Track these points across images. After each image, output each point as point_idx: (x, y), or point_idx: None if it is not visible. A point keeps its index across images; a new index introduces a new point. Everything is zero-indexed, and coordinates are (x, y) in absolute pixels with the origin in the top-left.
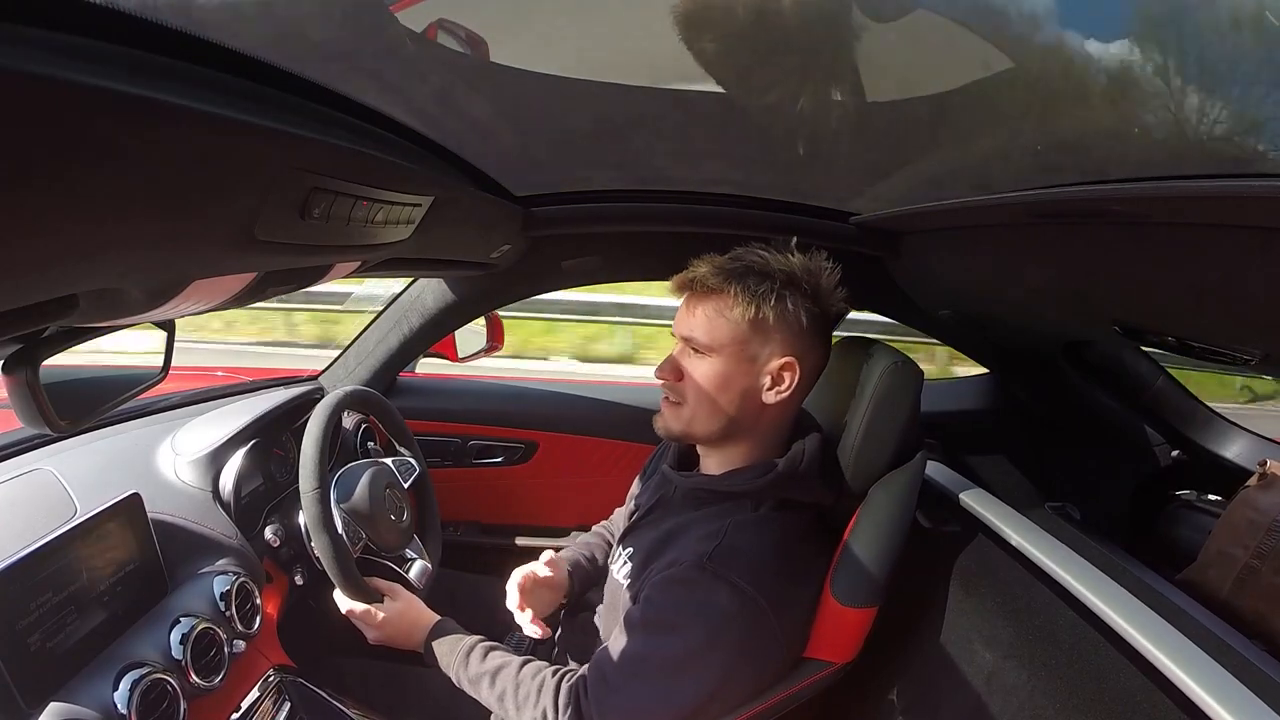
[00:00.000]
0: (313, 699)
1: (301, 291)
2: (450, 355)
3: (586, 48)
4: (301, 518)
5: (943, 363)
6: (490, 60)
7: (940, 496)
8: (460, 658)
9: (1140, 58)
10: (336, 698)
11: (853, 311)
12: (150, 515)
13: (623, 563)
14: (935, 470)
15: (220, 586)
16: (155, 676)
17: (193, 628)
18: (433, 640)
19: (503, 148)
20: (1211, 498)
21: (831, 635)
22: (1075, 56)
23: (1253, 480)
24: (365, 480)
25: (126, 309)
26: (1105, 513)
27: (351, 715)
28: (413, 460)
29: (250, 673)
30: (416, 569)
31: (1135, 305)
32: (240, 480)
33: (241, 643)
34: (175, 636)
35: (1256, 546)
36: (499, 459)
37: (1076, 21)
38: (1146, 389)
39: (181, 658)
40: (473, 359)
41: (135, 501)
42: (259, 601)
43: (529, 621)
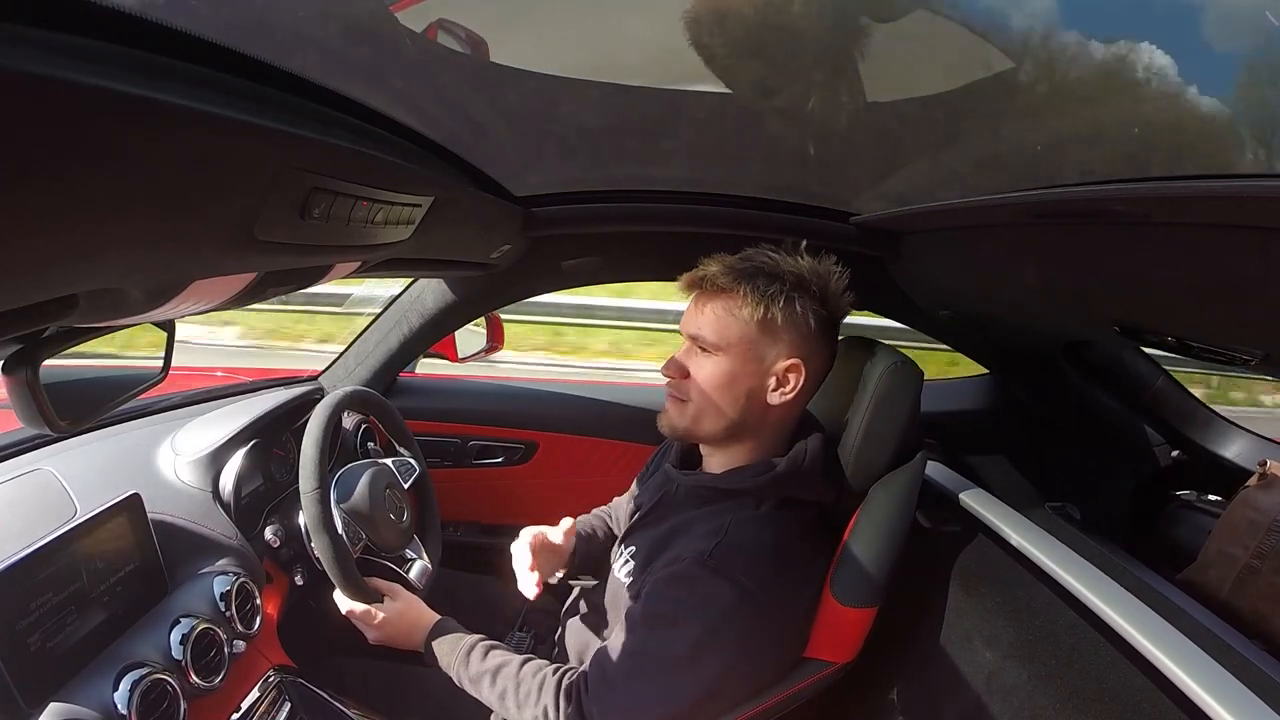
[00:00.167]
0: (313, 699)
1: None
2: (450, 355)
3: (586, 48)
4: (301, 518)
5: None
6: (490, 60)
7: (940, 496)
8: (461, 657)
9: (1140, 57)
10: (336, 698)
11: (854, 312)
12: (150, 515)
13: (624, 561)
14: (935, 470)
15: (220, 587)
16: (155, 677)
17: (193, 628)
18: (433, 640)
19: (503, 148)
20: (1211, 498)
21: (831, 635)
22: (1075, 56)
23: (1253, 480)
24: (365, 480)
25: (126, 309)
26: (1105, 513)
27: (351, 715)
28: (413, 460)
29: (250, 673)
30: (416, 569)
31: (1135, 305)
32: (240, 480)
33: (241, 643)
34: (175, 637)
35: (1256, 546)
36: (499, 459)
37: (1077, 20)
38: (1146, 389)
39: (181, 658)
40: (473, 359)
41: (135, 501)
42: (259, 602)
43: (532, 583)
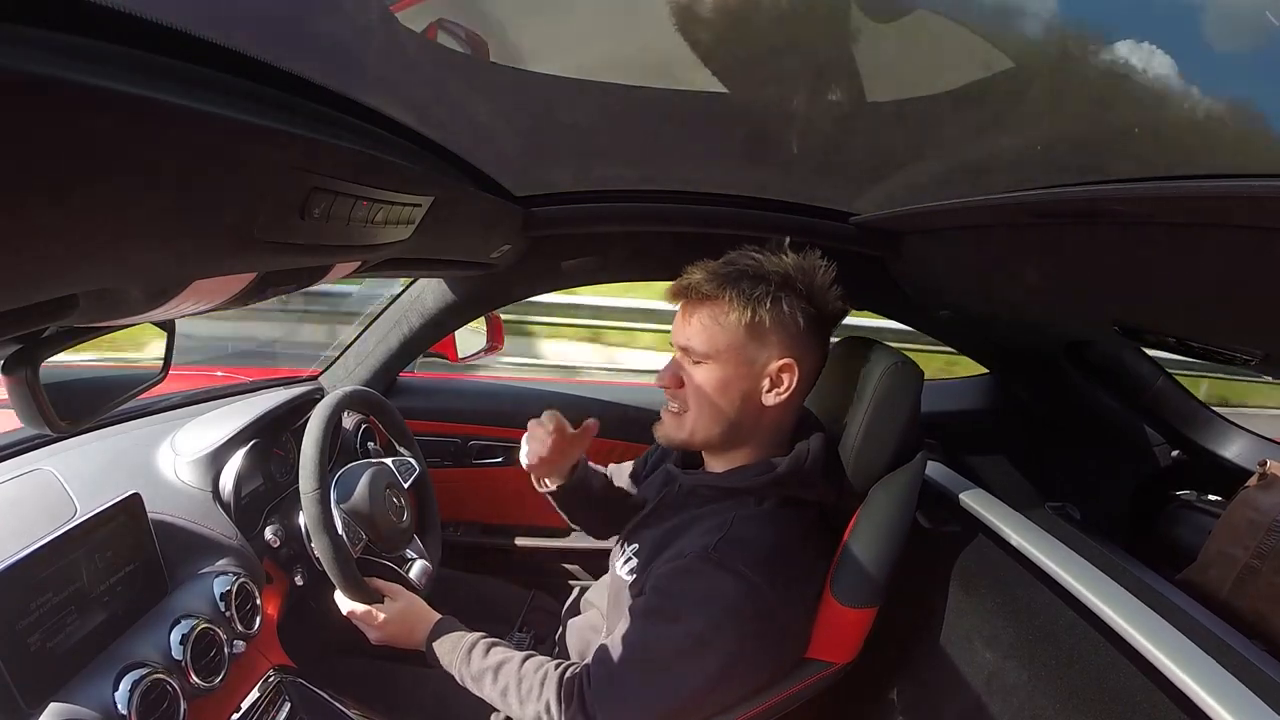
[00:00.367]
0: (313, 699)
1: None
2: (450, 355)
3: (586, 47)
4: (301, 518)
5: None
6: (490, 60)
7: (940, 496)
8: (462, 655)
9: (1140, 56)
10: (336, 698)
11: (853, 312)
12: (150, 515)
13: (626, 558)
14: (935, 470)
15: (220, 587)
16: (155, 677)
17: (193, 628)
18: (434, 639)
19: (503, 148)
20: (1211, 498)
21: (831, 635)
22: (1075, 55)
23: (1253, 480)
24: (365, 480)
25: (126, 309)
26: (1105, 513)
27: (351, 715)
28: (413, 460)
29: (250, 673)
30: (417, 569)
31: (1135, 305)
32: (240, 480)
33: (241, 643)
34: (175, 637)
35: (1256, 546)
36: (499, 459)
37: (1077, 19)
38: (1146, 389)
39: (181, 658)
40: (473, 359)
41: (135, 501)
42: (259, 602)
43: (535, 455)
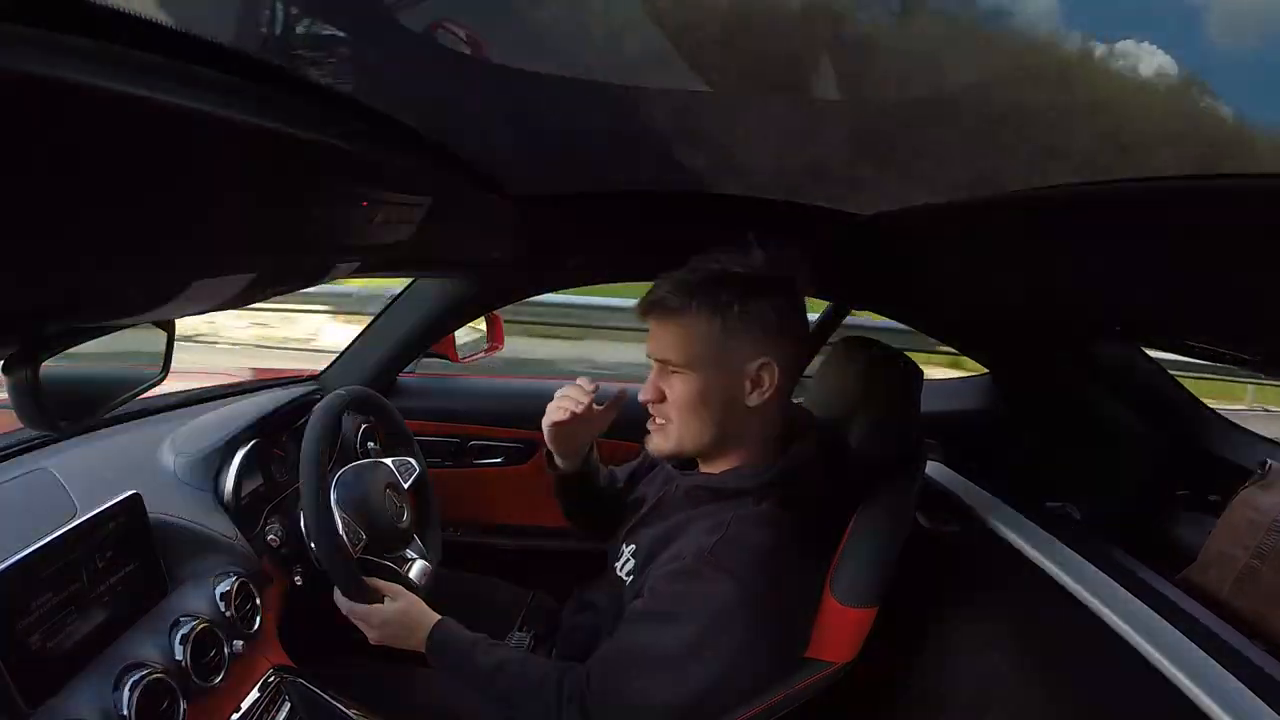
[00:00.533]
0: (313, 699)
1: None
2: (450, 355)
3: (586, 47)
4: (301, 518)
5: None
6: (490, 59)
7: (940, 496)
8: (462, 656)
9: (1141, 55)
10: (337, 698)
11: (853, 312)
12: (150, 515)
13: (625, 559)
14: (935, 470)
15: (220, 587)
16: (155, 677)
17: (193, 628)
18: (433, 640)
19: (503, 147)
20: (1211, 498)
21: (831, 635)
22: (1075, 54)
23: (1253, 480)
24: (365, 481)
25: (126, 309)
26: (1105, 513)
27: (351, 715)
28: (413, 460)
29: (250, 673)
30: (417, 569)
31: (1135, 305)
32: (240, 480)
33: (241, 643)
34: (175, 637)
35: (1256, 546)
36: (499, 459)
37: (1077, 19)
38: (1146, 388)
39: (182, 658)
40: (473, 359)
41: (135, 501)
42: (259, 602)
43: (565, 410)
